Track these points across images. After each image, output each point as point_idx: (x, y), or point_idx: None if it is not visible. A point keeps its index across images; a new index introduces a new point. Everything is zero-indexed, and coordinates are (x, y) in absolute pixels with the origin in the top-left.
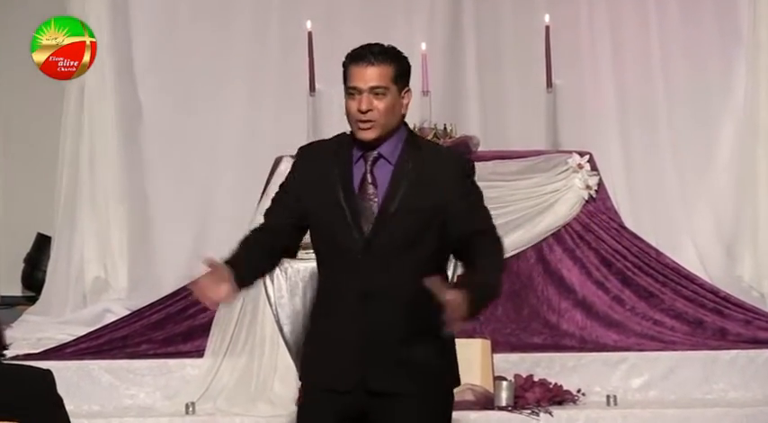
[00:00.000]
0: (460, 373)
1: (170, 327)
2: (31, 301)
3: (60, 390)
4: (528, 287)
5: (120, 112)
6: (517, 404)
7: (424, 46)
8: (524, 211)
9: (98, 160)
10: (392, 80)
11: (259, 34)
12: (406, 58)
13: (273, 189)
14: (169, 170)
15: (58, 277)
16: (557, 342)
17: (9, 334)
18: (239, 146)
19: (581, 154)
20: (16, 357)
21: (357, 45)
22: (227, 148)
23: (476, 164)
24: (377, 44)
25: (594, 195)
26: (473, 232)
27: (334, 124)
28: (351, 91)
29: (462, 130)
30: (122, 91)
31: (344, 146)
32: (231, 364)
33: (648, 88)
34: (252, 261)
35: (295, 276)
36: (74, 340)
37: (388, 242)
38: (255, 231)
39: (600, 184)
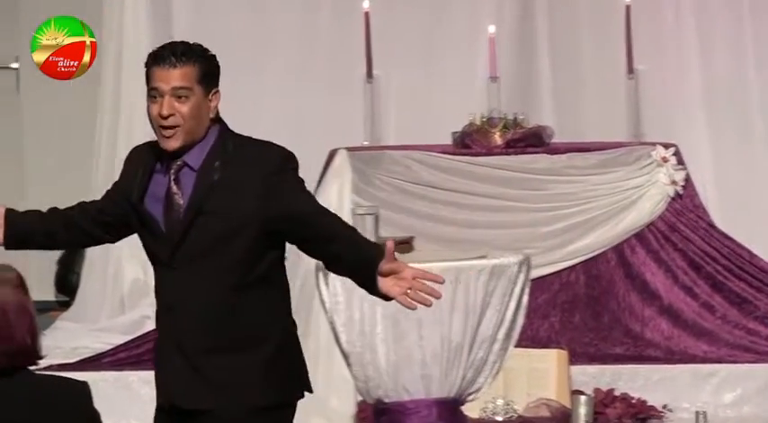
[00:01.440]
0: (535, 386)
1: None
2: (65, 305)
3: (97, 403)
4: (608, 292)
5: None
6: (597, 421)
7: (492, 28)
8: (604, 208)
9: None
10: (197, 81)
11: (310, 14)
12: (213, 56)
13: (327, 186)
14: None
15: (93, 280)
16: (640, 353)
17: (42, 343)
18: (288, 138)
19: (666, 146)
20: (50, 367)
21: (418, 27)
22: (274, 140)
23: (550, 157)
24: (181, 42)
25: (681, 191)
26: (307, 214)
27: (393, 113)
28: (152, 93)
29: (534, 119)
30: None
31: (156, 153)
32: None
33: (740, 74)
34: (35, 227)
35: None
36: (111, 349)
37: (191, 252)
38: (68, 208)
39: (687, 179)
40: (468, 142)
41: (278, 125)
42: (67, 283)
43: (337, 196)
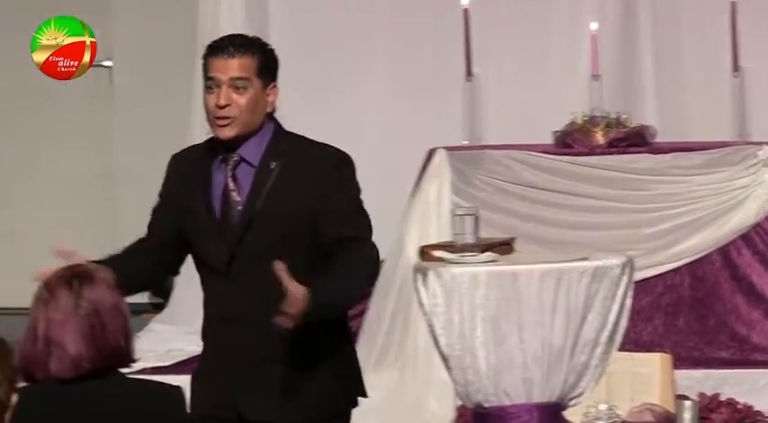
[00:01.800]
0: (638, 391)
1: None
2: (159, 308)
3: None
4: (713, 295)
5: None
6: None
7: (594, 25)
8: (709, 209)
9: None
10: (255, 73)
11: (408, 12)
12: (272, 50)
13: (425, 186)
14: None
15: (187, 282)
16: (746, 357)
17: (136, 345)
18: (385, 138)
19: None
20: (143, 371)
21: (518, 23)
22: (371, 140)
23: (653, 157)
24: (240, 35)
25: None
26: (339, 239)
27: (493, 112)
28: (209, 84)
29: (637, 118)
30: None
31: (210, 150)
32: (380, 379)
33: None
34: (129, 268)
35: (451, 282)
36: None
37: (253, 253)
38: (139, 241)
39: None
40: (570, 142)
41: (376, 124)
42: (161, 286)
43: (436, 196)
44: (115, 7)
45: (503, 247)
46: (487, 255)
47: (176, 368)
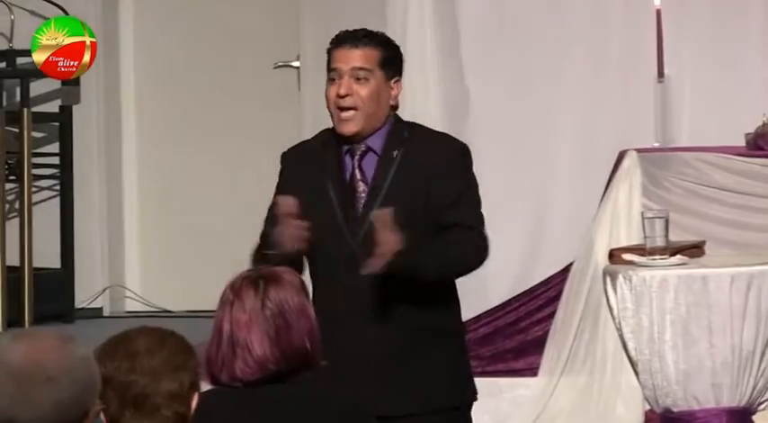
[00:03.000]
0: None
1: (500, 342)
2: None
3: None
4: None
5: (446, 100)
6: None
7: None
8: None
9: None
10: (377, 64)
11: (600, 11)
12: (396, 46)
13: (616, 188)
14: (499, 164)
15: None
16: None
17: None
18: (577, 138)
19: None
20: None
21: (710, 24)
22: (563, 140)
23: None
24: (363, 29)
25: None
26: (452, 224)
27: (685, 113)
28: (331, 75)
29: None
30: (447, 77)
31: (329, 143)
32: (569, 383)
33: None
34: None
35: (641, 286)
36: None
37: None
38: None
39: None
40: (762, 144)
41: (569, 124)
42: None
43: (626, 199)
44: (305, 8)
45: (693, 250)
46: (677, 258)
47: None
